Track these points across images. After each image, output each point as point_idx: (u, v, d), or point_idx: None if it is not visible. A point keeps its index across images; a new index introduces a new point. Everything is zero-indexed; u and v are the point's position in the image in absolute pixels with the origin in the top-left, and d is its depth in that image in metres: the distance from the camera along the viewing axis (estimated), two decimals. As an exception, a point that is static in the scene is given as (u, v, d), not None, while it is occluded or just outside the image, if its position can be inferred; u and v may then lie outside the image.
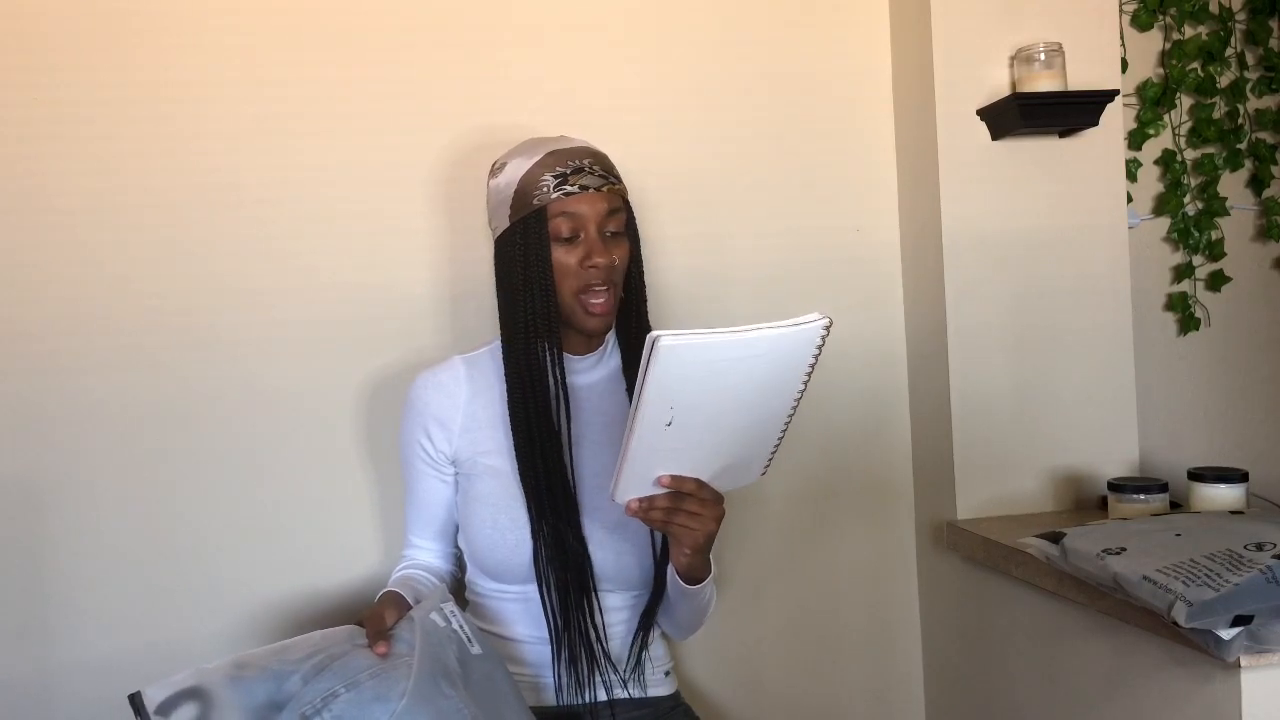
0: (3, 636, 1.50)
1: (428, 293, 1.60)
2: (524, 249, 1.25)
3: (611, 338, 1.36)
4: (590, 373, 1.34)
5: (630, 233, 1.30)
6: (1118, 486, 1.44)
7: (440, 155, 1.60)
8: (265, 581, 1.56)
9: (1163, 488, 1.42)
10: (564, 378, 1.27)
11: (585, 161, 1.25)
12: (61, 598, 1.51)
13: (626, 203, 1.30)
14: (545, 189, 1.23)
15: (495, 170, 1.30)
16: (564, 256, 1.24)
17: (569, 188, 1.23)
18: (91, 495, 1.51)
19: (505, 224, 1.27)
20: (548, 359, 1.26)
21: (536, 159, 1.25)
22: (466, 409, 1.33)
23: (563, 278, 1.25)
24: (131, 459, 1.52)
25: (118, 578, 1.52)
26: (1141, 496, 1.41)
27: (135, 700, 0.98)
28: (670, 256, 1.66)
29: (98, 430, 1.51)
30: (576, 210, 1.24)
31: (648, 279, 1.35)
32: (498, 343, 1.35)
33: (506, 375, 1.28)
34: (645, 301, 1.34)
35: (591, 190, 1.24)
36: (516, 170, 1.26)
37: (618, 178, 1.29)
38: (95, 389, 1.51)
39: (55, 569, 1.51)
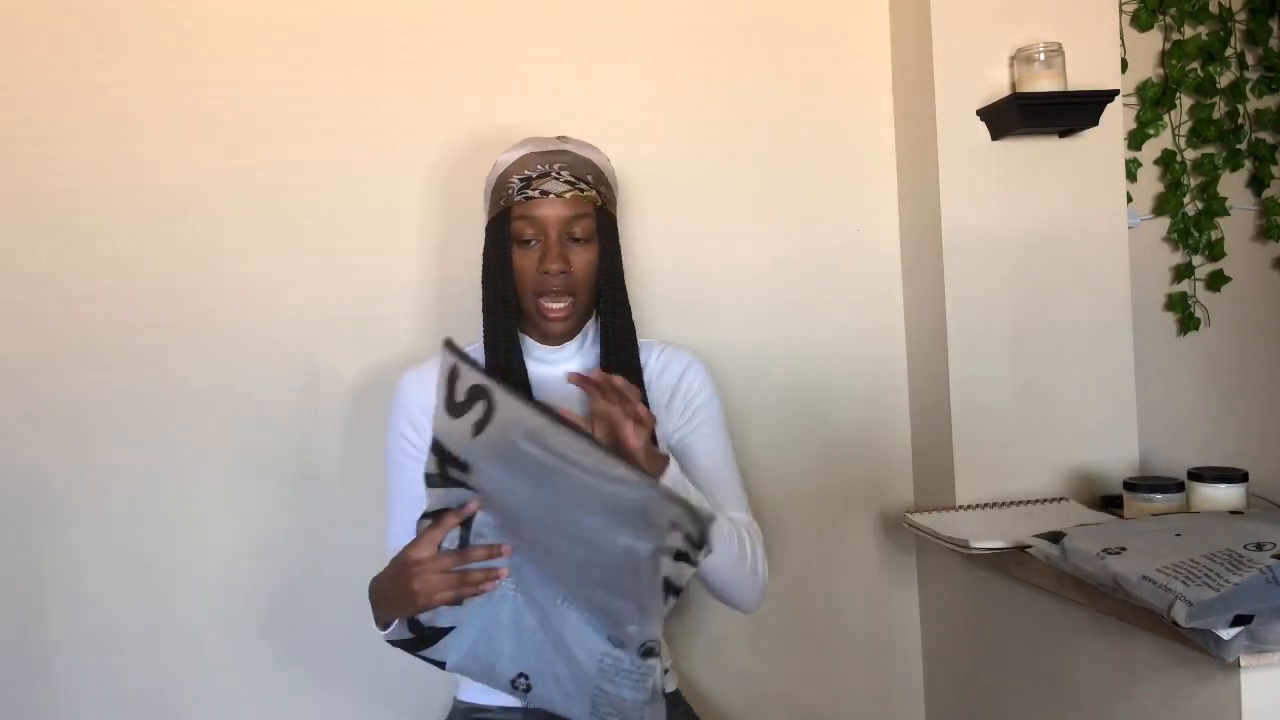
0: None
1: (421, 292, 1.60)
2: (493, 245, 1.28)
3: (593, 326, 1.36)
4: (567, 363, 1.34)
5: (603, 238, 1.29)
6: (1133, 486, 1.43)
7: (436, 155, 1.60)
8: (251, 582, 1.56)
9: (1179, 486, 1.41)
10: (524, 371, 1.29)
11: (554, 166, 1.25)
12: (58, 598, 1.51)
13: (599, 209, 1.28)
14: (511, 190, 1.26)
15: (496, 161, 1.33)
16: (522, 259, 1.27)
17: (530, 192, 1.25)
18: (83, 492, 1.52)
19: (488, 216, 1.31)
20: (514, 351, 1.28)
21: (516, 157, 1.27)
22: None
23: (521, 278, 1.27)
24: (121, 454, 1.53)
25: (107, 577, 1.52)
26: (1158, 496, 1.41)
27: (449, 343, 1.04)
28: (670, 257, 1.65)
29: (88, 426, 1.52)
30: (536, 214, 1.25)
31: (641, 279, 1.34)
32: (479, 343, 1.35)
33: (486, 364, 1.29)
34: (627, 301, 1.33)
35: (553, 195, 1.25)
36: (500, 165, 1.29)
37: (591, 183, 1.27)
38: (85, 384, 1.52)
39: (51, 565, 1.51)
